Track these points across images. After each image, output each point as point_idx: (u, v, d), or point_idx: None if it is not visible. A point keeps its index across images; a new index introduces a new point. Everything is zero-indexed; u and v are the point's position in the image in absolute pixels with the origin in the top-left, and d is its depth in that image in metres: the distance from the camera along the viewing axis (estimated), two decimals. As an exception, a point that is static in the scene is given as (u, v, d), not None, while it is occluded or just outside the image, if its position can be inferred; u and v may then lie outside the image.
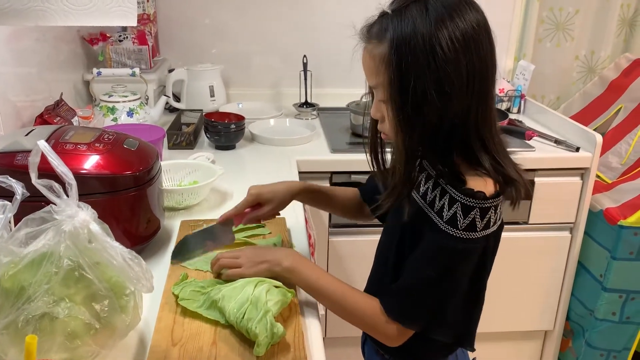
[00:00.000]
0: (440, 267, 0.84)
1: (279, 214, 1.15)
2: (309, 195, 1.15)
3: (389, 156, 0.94)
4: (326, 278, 0.93)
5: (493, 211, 0.83)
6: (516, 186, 0.84)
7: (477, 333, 0.98)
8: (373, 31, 0.83)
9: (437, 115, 0.80)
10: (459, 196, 0.82)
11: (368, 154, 0.97)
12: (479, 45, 0.79)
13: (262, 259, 0.96)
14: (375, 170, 0.97)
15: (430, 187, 0.88)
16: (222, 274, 0.99)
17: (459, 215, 0.81)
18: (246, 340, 0.85)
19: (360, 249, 1.80)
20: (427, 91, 0.78)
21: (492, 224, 0.84)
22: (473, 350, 0.98)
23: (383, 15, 0.82)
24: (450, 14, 0.77)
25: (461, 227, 0.82)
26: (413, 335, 0.90)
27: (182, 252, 1.05)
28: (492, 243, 0.87)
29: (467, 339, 0.96)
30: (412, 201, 0.90)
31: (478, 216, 0.81)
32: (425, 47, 0.76)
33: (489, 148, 0.84)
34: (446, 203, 0.83)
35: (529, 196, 0.89)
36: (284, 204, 1.11)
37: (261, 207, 1.10)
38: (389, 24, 0.80)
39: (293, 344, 0.85)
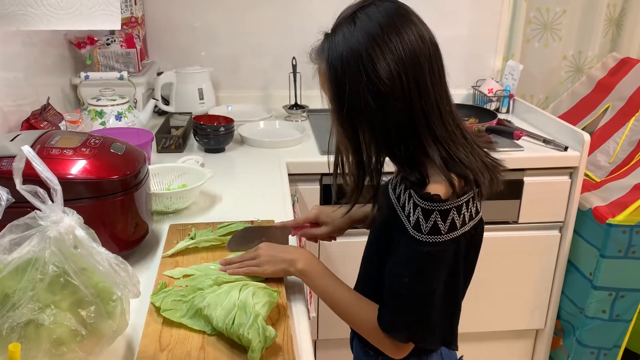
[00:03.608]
0: (412, 271, 0.85)
1: (334, 239, 1.20)
2: (366, 220, 1.17)
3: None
4: (334, 286, 0.97)
5: (455, 212, 0.83)
6: (477, 183, 0.86)
7: (468, 333, 0.99)
8: (318, 51, 0.91)
9: (379, 117, 0.84)
10: (418, 200, 0.84)
11: (333, 165, 0.98)
12: (413, 55, 0.82)
13: (280, 258, 1.00)
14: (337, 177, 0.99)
15: (402, 189, 0.90)
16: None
17: (421, 219, 0.83)
18: (234, 344, 0.85)
19: (351, 251, 1.79)
20: (363, 97, 0.83)
21: (459, 225, 0.84)
22: (456, 349, 0.99)
23: (325, 36, 0.90)
24: (378, 24, 0.83)
25: (425, 231, 0.83)
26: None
27: (239, 243, 1.11)
28: (464, 243, 0.87)
29: (451, 340, 0.97)
30: (389, 203, 0.93)
31: (439, 219, 0.83)
32: (355, 58, 0.83)
33: (442, 143, 0.85)
34: (412, 207, 0.85)
35: (497, 189, 0.90)
36: (341, 229, 1.16)
37: (318, 227, 1.16)
38: (326, 42, 0.88)
39: (282, 347, 0.85)
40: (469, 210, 0.86)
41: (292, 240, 1.21)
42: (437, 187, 0.84)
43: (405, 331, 0.89)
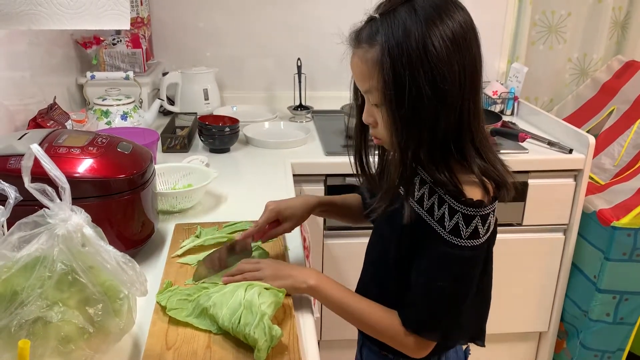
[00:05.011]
0: (450, 276, 0.85)
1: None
2: (323, 208, 1.15)
3: (373, 159, 0.97)
4: (348, 297, 0.94)
5: (492, 215, 0.85)
6: (507, 187, 0.86)
7: (471, 335, 1.00)
8: (363, 36, 0.83)
9: (433, 113, 0.80)
10: (459, 207, 0.83)
11: (353, 158, 0.98)
12: (468, 42, 0.81)
13: (286, 273, 0.95)
14: (359, 174, 0.98)
15: (426, 193, 0.87)
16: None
17: (461, 225, 0.82)
18: (241, 343, 0.85)
19: (355, 251, 1.79)
20: (423, 90, 0.78)
21: (491, 227, 0.86)
22: (484, 345, 0.99)
23: (371, 19, 0.83)
24: (439, 13, 0.79)
25: (465, 236, 0.83)
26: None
27: (204, 273, 1.03)
28: (492, 242, 0.90)
29: (479, 336, 0.99)
30: (405, 207, 0.90)
31: (480, 223, 0.83)
32: (418, 47, 0.78)
33: (479, 148, 0.85)
34: (446, 212, 0.84)
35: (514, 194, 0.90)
36: (302, 219, 1.12)
37: (280, 224, 1.09)
38: (379, 28, 0.80)
39: (288, 346, 0.85)
40: (496, 212, 0.87)
41: (294, 238, 1.21)
42: (474, 192, 0.83)
43: (438, 331, 0.89)
